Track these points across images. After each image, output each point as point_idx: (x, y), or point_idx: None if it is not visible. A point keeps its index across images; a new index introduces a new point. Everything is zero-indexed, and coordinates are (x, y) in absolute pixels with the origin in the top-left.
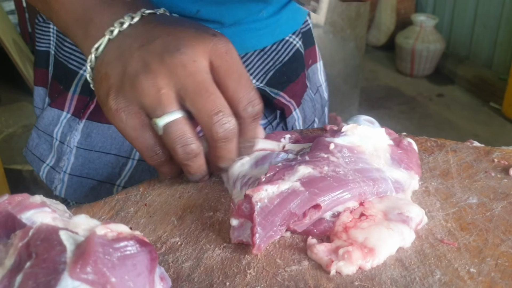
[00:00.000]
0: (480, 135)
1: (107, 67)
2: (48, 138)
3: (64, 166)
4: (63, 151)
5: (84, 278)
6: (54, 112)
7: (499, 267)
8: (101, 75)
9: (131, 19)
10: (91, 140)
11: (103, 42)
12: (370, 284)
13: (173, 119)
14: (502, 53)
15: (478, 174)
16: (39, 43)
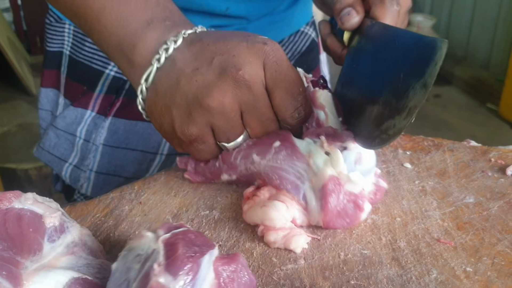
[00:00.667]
0: (477, 136)
1: (164, 98)
2: (69, 137)
3: (90, 164)
4: (88, 149)
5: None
6: (77, 111)
7: (495, 266)
8: (160, 108)
9: (175, 43)
10: (117, 137)
11: (152, 71)
12: (366, 283)
13: (240, 141)
14: (499, 54)
15: (475, 174)
16: (50, 44)
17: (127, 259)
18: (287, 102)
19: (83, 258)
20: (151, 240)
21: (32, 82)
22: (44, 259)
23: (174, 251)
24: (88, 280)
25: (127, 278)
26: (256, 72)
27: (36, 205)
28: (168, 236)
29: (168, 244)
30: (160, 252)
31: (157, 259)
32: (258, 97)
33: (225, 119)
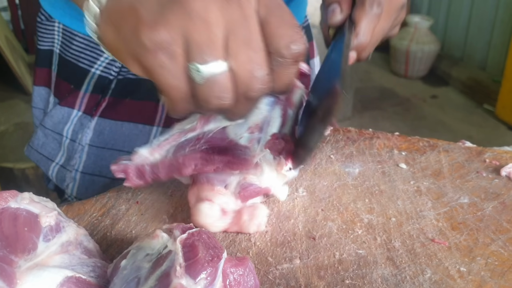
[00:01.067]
0: (473, 136)
1: (131, 0)
2: (56, 137)
3: (75, 164)
4: (75, 149)
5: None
6: (64, 111)
7: (489, 266)
8: (122, 11)
9: None
10: (103, 138)
11: None
12: (361, 283)
13: (219, 71)
14: (496, 55)
15: (470, 174)
16: (41, 42)
17: (136, 258)
18: (284, 29)
19: (77, 257)
20: (165, 240)
21: (30, 81)
22: (38, 258)
23: (194, 253)
24: (82, 279)
25: (137, 276)
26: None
27: (32, 205)
28: (185, 236)
29: (187, 246)
30: (179, 253)
31: (176, 260)
32: (249, 17)
33: (205, 29)
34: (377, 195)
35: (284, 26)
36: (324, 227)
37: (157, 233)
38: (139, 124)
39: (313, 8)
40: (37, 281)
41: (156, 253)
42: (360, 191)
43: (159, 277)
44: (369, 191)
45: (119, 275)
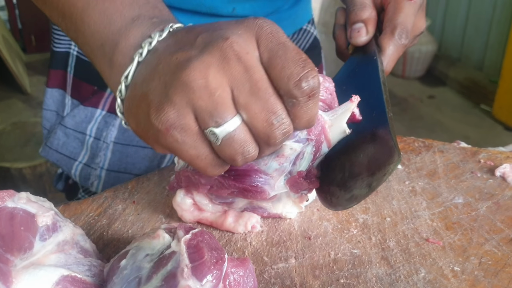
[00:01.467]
0: (470, 137)
1: (142, 87)
2: (79, 136)
3: (100, 162)
4: (99, 147)
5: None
6: (88, 110)
7: (483, 265)
8: (137, 100)
9: (160, 35)
10: (128, 135)
11: (132, 67)
12: (356, 282)
13: (234, 128)
14: (493, 55)
15: (464, 175)
16: (57, 44)
17: (136, 258)
18: (289, 69)
19: (73, 257)
20: (167, 241)
21: (27, 81)
22: (34, 257)
23: (200, 255)
24: (78, 278)
25: (138, 276)
26: (246, 43)
27: (29, 205)
28: (189, 237)
29: (191, 247)
30: (184, 254)
31: (182, 261)
32: (251, 68)
33: (208, 96)
34: (372, 195)
35: (289, 65)
36: (320, 226)
37: (158, 233)
38: None
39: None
40: (33, 280)
41: (157, 253)
42: None
43: (165, 277)
44: None
45: (119, 275)
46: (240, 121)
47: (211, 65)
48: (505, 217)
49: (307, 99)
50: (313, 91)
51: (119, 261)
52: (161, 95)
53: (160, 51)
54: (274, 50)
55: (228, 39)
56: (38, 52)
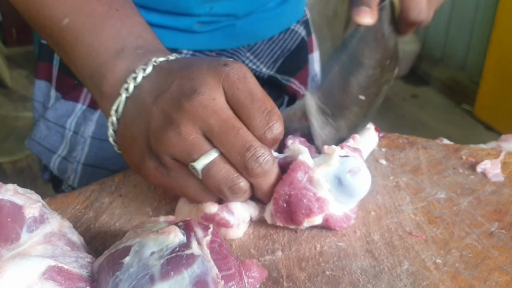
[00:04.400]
0: (452, 136)
1: (131, 129)
2: (59, 129)
3: (77, 156)
4: (77, 141)
5: None
6: (69, 104)
7: (463, 258)
8: (128, 139)
9: (143, 71)
10: (105, 130)
11: (120, 102)
12: (341, 274)
13: (211, 159)
14: (475, 56)
15: (447, 171)
16: None
17: (142, 256)
18: (256, 120)
19: (60, 248)
20: (178, 238)
21: (8, 74)
22: (20, 247)
23: (227, 265)
24: (64, 269)
25: (148, 273)
26: (213, 91)
27: (17, 196)
28: (209, 239)
29: (214, 251)
30: (211, 261)
31: (211, 268)
32: (218, 110)
33: (184, 142)
34: None
35: (254, 116)
36: None
37: (170, 229)
38: None
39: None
40: (19, 270)
41: (166, 250)
42: None
43: (195, 282)
44: None
45: (124, 272)
46: (217, 154)
47: (183, 117)
48: (485, 212)
49: (272, 145)
50: (276, 140)
51: (120, 257)
52: (147, 142)
53: (143, 94)
54: (240, 99)
55: (196, 91)
56: (19, 45)
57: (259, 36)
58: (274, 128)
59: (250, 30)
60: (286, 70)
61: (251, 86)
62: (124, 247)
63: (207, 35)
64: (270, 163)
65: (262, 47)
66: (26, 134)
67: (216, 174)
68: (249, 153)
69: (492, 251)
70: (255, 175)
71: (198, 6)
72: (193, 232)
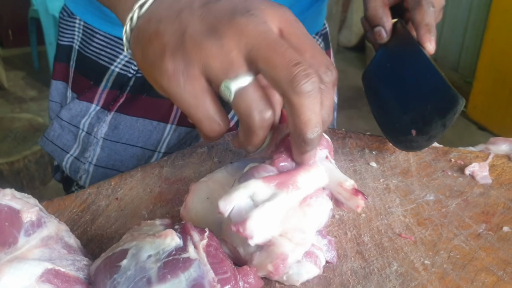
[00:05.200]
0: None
1: (158, 24)
2: (73, 129)
3: (89, 157)
4: (90, 142)
5: None
6: (83, 105)
7: (451, 259)
8: (150, 34)
9: None
10: (118, 132)
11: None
12: (332, 275)
13: (248, 82)
14: (468, 57)
15: (436, 173)
16: (62, 37)
17: (139, 259)
18: (320, 58)
19: (57, 251)
20: (175, 243)
21: (4, 76)
22: (18, 251)
23: (222, 268)
24: (61, 272)
25: (145, 276)
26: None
27: (14, 201)
28: (205, 243)
29: (210, 255)
30: (207, 265)
31: (207, 272)
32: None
33: (223, 57)
34: None
35: (319, 54)
36: None
37: (167, 233)
38: (153, 121)
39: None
40: (17, 273)
41: (162, 253)
42: None
43: (192, 285)
44: None
45: (122, 275)
46: (252, 78)
47: (229, 30)
48: (473, 214)
49: (329, 86)
50: (334, 82)
51: (117, 260)
52: (178, 42)
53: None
54: (301, 38)
55: (249, 12)
56: (15, 47)
57: None
58: (334, 70)
59: None
60: None
61: (306, 31)
62: (121, 250)
63: None
64: (317, 85)
65: None
66: (22, 136)
67: (250, 96)
68: (298, 67)
69: (479, 252)
70: (301, 92)
71: None
72: (190, 236)
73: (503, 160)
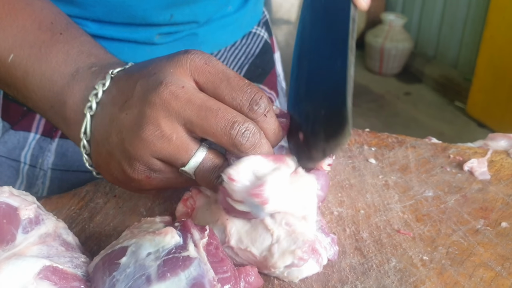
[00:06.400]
0: (445, 133)
1: (104, 145)
2: (13, 164)
3: (38, 192)
4: (35, 175)
5: None
6: (20, 135)
7: (450, 255)
8: (104, 157)
9: (103, 85)
10: (67, 160)
11: (87, 122)
12: (331, 271)
13: (200, 160)
14: (467, 53)
15: (435, 169)
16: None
17: (138, 256)
18: (239, 97)
19: (55, 248)
20: (175, 241)
21: None
22: (16, 248)
23: (223, 268)
24: (59, 269)
25: (144, 274)
26: (179, 79)
27: (12, 198)
28: (206, 241)
29: (211, 254)
30: (207, 264)
31: (207, 271)
32: (191, 98)
33: (168, 143)
34: (347, 188)
35: (236, 94)
36: None
37: (167, 231)
38: None
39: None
40: (15, 270)
41: (162, 251)
42: (331, 185)
43: (192, 284)
44: (340, 185)
45: (121, 272)
46: (205, 151)
47: (158, 114)
48: (471, 209)
49: (263, 117)
50: (266, 110)
51: (117, 258)
52: (125, 152)
53: (108, 105)
54: (216, 82)
55: (162, 83)
56: None
57: (221, 43)
58: (259, 99)
59: (212, 38)
60: (253, 76)
61: (220, 67)
62: (121, 247)
63: (168, 46)
64: (257, 135)
65: (226, 54)
66: None
67: (207, 172)
68: (234, 130)
69: (478, 247)
70: (246, 149)
71: (158, 14)
72: (190, 234)
73: (502, 156)
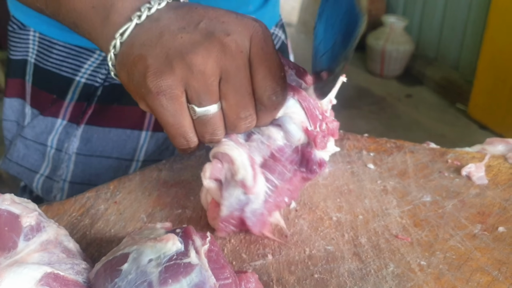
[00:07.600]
0: (446, 135)
1: (141, 49)
2: (39, 147)
3: (63, 174)
4: (61, 159)
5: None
6: (48, 121)
7: (447, 260)
8: (134, 57)
9: (158, 4)
10: (91, 145)
11: (129, 26)
12: (329, 276)
13: (212, 112)
14: (468, 55)
15: (433, 174)
16: (13, 52)
17: (140, 263)
18: (268, 82)
19: (56, 255)
20: (177, 247)
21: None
22: (17, 255)
23: (223, 274)
24: (60, 276)
25: (146, 280)
26: (243, 42)
27: (14, 206)
28: (207, 248)
29: (212, 260)
30: (209, 270)
31: (208, 278)
32: (241, 67)
33: (203, 80)
34: (346, 194)
35: (269, 78)
36: (296, 225)
37: (168, 237)
38: (127, 129)
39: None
40: (16, 277)
41: (163, 258)
42: (330, 190)
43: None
44: (339, 190)
45: (123, 279)
46: (218, 108)
47: (211, 55)
48: (469, 214)
49: (272, 109)
50: (278, 105)
51: (118, 264)
52: (161, 64)
53: (163, 23)
54: (262, 59)
55: (229, 36)
56: None
57: None
58: (280, 93)
59: None
60: None
61: (272, 49)
62: (122, 254)
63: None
64: (249, 129)
65: None
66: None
67: (209, 124)
68: (244, 120)
69: (475, 252)
70: (238, 132)
71: None
72: (191, 241)
73: (499, 160)
